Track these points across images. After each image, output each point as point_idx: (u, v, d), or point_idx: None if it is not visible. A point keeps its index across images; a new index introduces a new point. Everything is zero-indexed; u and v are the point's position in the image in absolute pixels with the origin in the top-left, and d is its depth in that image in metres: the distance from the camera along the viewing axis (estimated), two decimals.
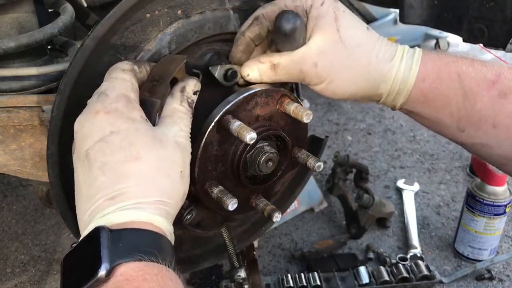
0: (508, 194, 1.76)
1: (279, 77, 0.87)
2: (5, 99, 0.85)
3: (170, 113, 0.75)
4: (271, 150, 0.89)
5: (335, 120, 3.01)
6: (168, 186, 0.70)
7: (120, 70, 0.74)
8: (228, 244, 1.03)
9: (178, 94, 0.77)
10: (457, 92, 0.86)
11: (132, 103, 0.71)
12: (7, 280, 1.79)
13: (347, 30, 0.84)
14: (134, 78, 0.75)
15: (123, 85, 0.72)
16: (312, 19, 0.85)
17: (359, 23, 0.88)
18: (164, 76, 0.77)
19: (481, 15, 1.15)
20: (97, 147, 0.68)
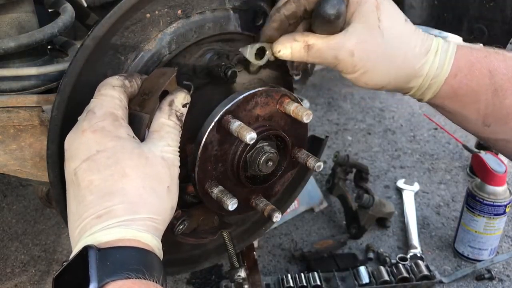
0: (508, 194, 1.76)
1: (311, 59, 0.84)
2: (5, 99, 0.85)
3: (158, 128, 0.75)
4: (271, 150, 0.89)
5: (335, 120, 3.01)
6: (155, 202, 0.71)
7: (110, 87, 0.74)
8: (228, 244, 1.03)
9: (167, 108, 0.76)
10: (487, 88, 0.85)
11: (118, 121, 0.72)
12: (7, 280, 1.79)
13: (387, 20, 0.82)
14: (123, 94, 0.75)
15: (110, 102, 0.73)
16: (353, 4, 0.82)
17: (399, 13, 0.86)
18: (154, 90, 0.77)
19: (481, 15, 1.15)
20: (84, 166, 0.69)
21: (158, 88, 0.77)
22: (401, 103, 3.23)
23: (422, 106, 3.17)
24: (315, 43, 0.82)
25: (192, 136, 0.90)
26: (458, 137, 2.51)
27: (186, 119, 0.91)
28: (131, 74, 0.79)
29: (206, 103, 0.92)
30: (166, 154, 0.74)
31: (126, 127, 0.72)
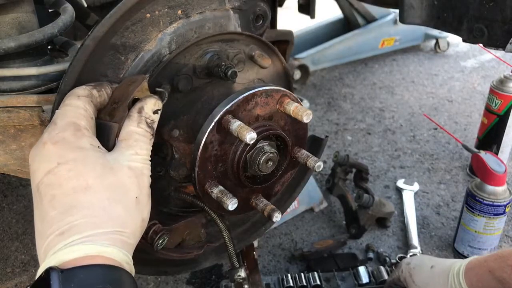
0: (507, 194, 1.76)
1: None
2: (5, 99, 0.85)
3: (126, 136, 0.73)
4: (271, 150, 0.89)
5: (335, 120, 3.01)
6: (121, 214, 0.67)
7: (75, 97, 0.72)
8: (228, 244, 1.03)
9: (136, 115, 0.74)
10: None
11: (81, 131, 0.69)
12: (7, 280, 1.78)
13: (417, 277, 1.34)
14: (88, 104, 0.73)
15: (73, 112, 0.70)
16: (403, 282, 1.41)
17: (426, 266, 1.34)
18: (122, 99, 0.75)
19: (481, 15, 1.15)
20: (46, 180, 0.66)
21: (127, 96, 0.75)
22: (401, 103, 3.23)
23: (422, 106, 3.17)
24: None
25: (192, 136, 0.91)
26: (458, 137, 2.51)
27: (186, 119, 0.91)
28: (100, 84, 0.77)
29: (206, 103, 0.92)
30: (134, 163, 0.71)
31: (89, 137, 0.70)
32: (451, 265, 1.28)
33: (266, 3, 1.00)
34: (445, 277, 1.26)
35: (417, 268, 1.36)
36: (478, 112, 3.03)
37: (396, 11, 3.23)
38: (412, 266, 1.37)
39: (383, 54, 3.97)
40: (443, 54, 4.08)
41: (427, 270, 1.33)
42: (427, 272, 1.32)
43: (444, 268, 1.28)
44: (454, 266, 1.26)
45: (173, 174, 0.94)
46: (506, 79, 2.25)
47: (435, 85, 3.52)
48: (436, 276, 1.29)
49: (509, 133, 2.32)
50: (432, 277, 1.30)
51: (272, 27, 1.37)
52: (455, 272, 1.24)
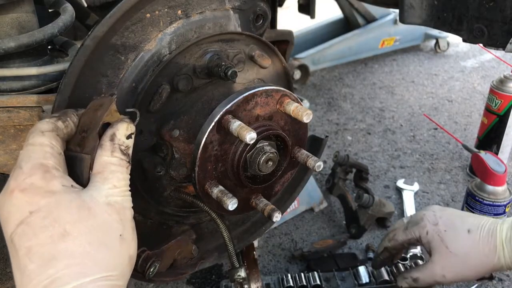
0: (507, 194, 1.76)
1: (421, 285, 1.24)
2: (5, 99, 0.85)
3: (100, 168, 0.67)
4: (271, 150, 0.89)
5: (335, 120, 3.01)
6: (107, 257, 0.63)
7: (38, 133, 0.66)
8: (228, 244, 1.03)
9: (108, 144, 0.68)
10: None
11: (50, 172, 0.63)
12: (7, 280, 1.78)
13: (454, 243, 1.16)
14: (54, 139, 0.67)
15: (39, 152, 0.65)
16: (425, 244, 1.22)
17: (462, 229, 1.16)
18: (91, 127, 0.70)
19: (481, 15, 1.15)
20: (19, 231, 0.61)
21: (96, 123, 0.69)
22: (401, 103, 3.23)
23: (422, 106, 3.17)
24: (418, 276, 1.24)
25: (192, 136, 0.91)
26: (458, 137, 2.51)
27: (186, 119, 0.91)
28: (64, 113, 0.72)
29: (206, 103, 0.92)
30: (113, 198, 0.66)
31: (60, 177, 0.64)
32: (493, 229, 1.12)
33: (266, 3, 1.00)
34: (492, 246, 1.10)
35: (450, 232, 1.17)
36: (478, 112, 3.03)
37: (396, 11, 3.23)
38: (443, 228, 1.18)
39: (383, 54, 3.97)
40: (443, 54, 4.08)
41: (465, 236, 1.14)
42: (465, 238, 1.13)
43: (486, 234, 1.12)
44: (499, 230, 1.11)
45: (173, 174, 0.94)
46: (506, 79, 2.25)
47: (435, 85, 3.52)
48: (480, 245, 1.11)
49: (509, 133, 2.32)
50: (474, 246, 1.12)
51: (272, 27, 1.37)
52: (506, 239, 1.09)
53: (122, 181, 0.68)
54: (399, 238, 1.28)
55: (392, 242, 1.31)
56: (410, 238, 1.25)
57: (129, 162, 0.70)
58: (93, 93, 0.82)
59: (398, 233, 1.28)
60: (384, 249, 1.34)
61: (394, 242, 1.30)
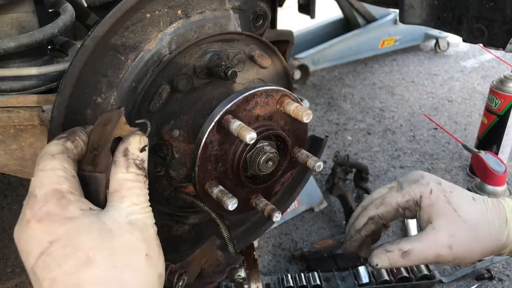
0: (507, 194, 1.76)
1: (412, 262, 0.92)
2: (5, 99, 0.85)
3: (117, 186, 0.64)
4: (271, 150, 0.89)
5: (335, 120, 3.01)
6: (134, 279, 0.61)
7: (49, 157, 0.64)
8: (228, 244, 1.03)
9: (122, 159, 0.65)
10: None
11: (65, 198, 0.61)
12: (7, 280, 1.78)
13: (462, 207, 0.93)
14: (66, 161, 0.64)
15: (52, 177, 0.62)
16: (426, 207, 0.94)
17: (466, 195, 0.96)
18: (102, 143, 0.66)
19: (481, 15, 1.15)
20: (40, 263, 0.58)
21: (106, 139, 0.66)
22: (401, 103, 3.23)
23: (422, 106, 3.17)
24: (411, 248, 0.92)
25: (193, 136, 0.91)
26: (458, 137, 2.52)
27: (186, 119, 0.91)
28: (72, 132, 0.69)
29: (206, 103, 0.92)
30: (133, 216, 0.63)
31: (76, 201, 0.62)
32: (498, 202, 0.97)
33: (266, 3, 1.00)
34: (502, 219, 0.93)
35: (456, 194, 0.95)
36: (478, 112, 3.03)
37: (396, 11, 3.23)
38: (448, 188, 0.96)
39: (383, 54, 3.97)
40: (443, 54, 4.08)
41: (472, 202, 0.95)
42: (472, 204, 0.94)
43: (493, 205, 0.95)
44: (506, 204, 0.96)
45: (173, 174, 0.94)
46: (506, 79, 2.25)
47: (435, 85, 3.52)
48: (489, 214, 0.93)
49: (509, 133, 2.32)
50: (483, 214, 0.93)
51: (272, 27, 1.37)
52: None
53: (141, 197, 0.65)
54: (393, 201, 0.97)
55: (383, 207, 0.98)
56: (408, 199, 0.96)
57: (145, 176, 0.67)
58: (93, 93, 0.82)
59: (390, 195, 0.98)
60: (369, 220, 0.99)
61: (385, 207, 0.98)
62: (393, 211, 0.97)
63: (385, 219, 0.98)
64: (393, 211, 0.97)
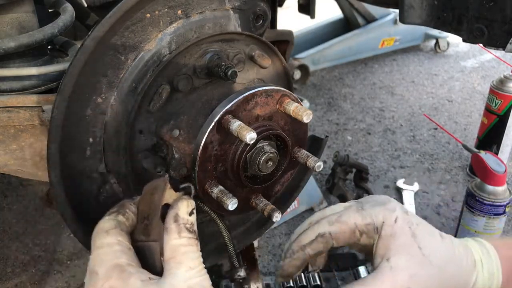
0: (507, 194, 1.76)
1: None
2: (5, 99, 0.85)
3: (171, 253, 0.66)
4: (271, 150, 0.89)
5: (335, 120, 3.01)
6: None
7: (103, 234, 0.67)
8: (228, 244, 1.03)
9: (173, 226, 0.67)
10: None
11: (125, 271, 0.63)
12: (7, 280, 1.79)
13: (428, 245, 0.79)
14: (120, 235, 0.67)
15: (109, 253, 0.65)
16: (386, 237, 0.79)
17: (433, 232, 0.82)
18: (152, 211, 0.69)
19: (481, 15, 1.15)
20: None
21: (155, 208, 0.69)
22: (401, 103, 3.23)
23: (422, 106, 3.17)
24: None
25: (193, 136, 0.91)
26: (458, 137, 2.52)
27: (186, 119, 0.91)
28: (121, 205, 0.72)
29: (206, 103, 0.92)
30: (191, 280, 0.65)
31: (136, 273, 0.64)
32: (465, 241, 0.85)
33: (266, 3, 1.00)
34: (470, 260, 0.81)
35: (423, 229, 0.81)
36: (478, 112, 3.03)
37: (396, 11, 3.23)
38: (415, 221, 0.81)
39: (383, 54, 3.97)
40: (443, 54, 4.08)
41: (439, 240, 0.81)
42: (440, 242, 0.80)
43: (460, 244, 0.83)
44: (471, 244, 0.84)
45: (173, 174, 0.94)
46: (506, 79, 2.25)
47: (435, 85, 3.52)
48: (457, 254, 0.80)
49: (509, 133, 2.32)
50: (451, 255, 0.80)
51: (272, 27, 1.37)
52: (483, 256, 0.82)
53: (195, 260, 0.66)
54: (350, 221, 0.81)
55: (338, 225, 0.82)
56: (369, 222, 0.81)
57: (197, 238, 0.68)
58: (93, 93, 0.82)
59: (348, 214, 0.83)
60: (318, 237, 0.84)
61: (341, 226, 0.82)
62: (348, 233, 0.82)
63: (336, 240, 0.83)
64: (348, 232, 0.82)
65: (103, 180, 0.90)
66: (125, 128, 0.86)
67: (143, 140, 0.89)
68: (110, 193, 0.92)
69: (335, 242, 0.83)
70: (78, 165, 0.86)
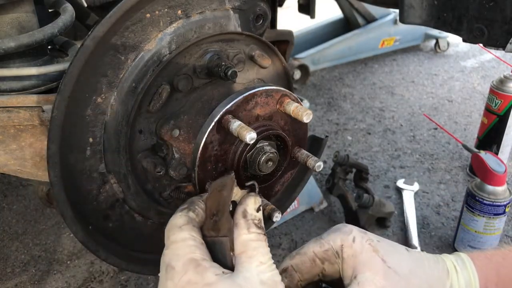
0: (507, 194, 1.76)
1: None
2: (5, 99, 0.85)
3: (242, 247, 0.68)
4: (271, 150, 0.89)
5: (335, 120, 3.01)
6: None
7: (177, 229, 0.69)
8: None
9: (242, 221, 0.70)
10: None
11: (201, 265, 0.65)
12: (7, 280, 1.79)
13: (392, 258, 0.79)
14: (193, 230, 0.69)
15: (185, 248, 0.67)
16: (349, 259, 0.79)
17: (397, 245, 0.83)
18: (221, 209, 0.72)
19: (481, 15, 1.15)
20: None
21: (224, 204, 0.71)
22: (401, 103, 3.23)
23: (422, 106, 3.17)
24: None
25: (193, 136, 0.91)
26: (458, 137, 2.52)
27: (186, 119, 0.91)
28: (191, 202, 0.75)
29: (206, 103, 0.92)
30: (264, 275, 0.66)
31: (210, 267, 0.66)
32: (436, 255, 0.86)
33: (266, 3, 1.00)
34: (442, 269, 0.82)
35: (385, 244, 0.81)
36: (478, 112, 3.03)
37: (396, 11, 3.24)
38: (375, 238, 0.82)
39: (383, 54, 3.98)
40: (443, 54, 4.08)
41: (405, 253, 0.82)
42: (406, 255, 0.81)
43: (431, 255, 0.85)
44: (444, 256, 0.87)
45: (173, 174, 0.94)
46: (506, 79, 2.25)
47: (435, 85, 3.52)
48: (427, 265, 0.82)
49: (509, 133, 2.32)
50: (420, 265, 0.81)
51: (272, 27, 1.37)
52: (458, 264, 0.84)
53: (266, 256, 0.68)
54: (309, 251, 0.83)
55: (298, 257, 0.84)
56: (327, 248, 0.82)
57: (265, 234, 0.70)
58: (93, 93, 0.82)
59: (307, 245, 0.85)
60: (281, 272, 0.83)
61: (301, 257, 0.84)
62: (308, 262, 0.83)
63: (300, 271, 0.83)
64: (308, 262, 0.82)
65: (103, 180, 0.90)
66: (125, 128, 0.86)
67: (143, 140, 0.89)
68: (110, 193, 0.92)
69: (300, 275, 0.83)
70: (78, 165, 0.86)
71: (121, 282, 1.76)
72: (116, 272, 1.80)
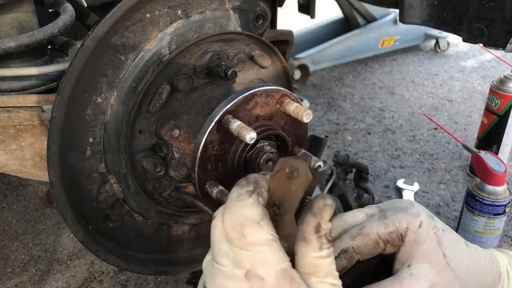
0: (507, 194, 1.76)
1: None
2: (5, 99, 0.85)
3: (312, 268, 0.56)
4: (271, 150, 0.89)
5: (335, 120, 3.01)
6: None
7: (256, 226, 0.54)
8: None
9: (314, 238, 0.56)
10: None
11: (295, 280, 0.53)
12: (7, 279, 1.78)
13: (453, 253, 0.73)
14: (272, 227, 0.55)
15: (273, 254, 0.53)
16: (409, 244, 0.73)
17: (459, 239, 0.77)
18: (285, 204, 0.56)
19: (481, 15, 1.15)
20: None
21: (292, 202, 0.56)
22: (401, 103, 3.23)
23: (422, 106, 3.17)
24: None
25: (193, 136, 0.91)
26: (458, 137, 2.52)
27: (186, 119, 0.91)
28: (257, 183, 0.57)
29: (206, 103, 0.93)
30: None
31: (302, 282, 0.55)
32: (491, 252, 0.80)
33: (266, 3, 1.00)
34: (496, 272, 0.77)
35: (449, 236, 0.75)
36: (478, 112, 3.03)
37: (396, 11, 3.24)
38: (441, 227, 0.76)
39: (383, 54, 3.97)
40: (443, 54, 4.08)
41: (464, 248, 0.76)
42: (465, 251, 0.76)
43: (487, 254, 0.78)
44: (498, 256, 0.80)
45: (173, 174, 0.94)
46: (506, 79, 2.25)
47: (435, 85, 3.52)
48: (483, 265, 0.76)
49: (509, 133, 2.32)
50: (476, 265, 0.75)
51: (272, 27, 1.37)
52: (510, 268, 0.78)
53: (336, 274, 0.59)
54: (372, 232, 0.75)
55: (360, 238, 0.76)
56: (392, 230, 0.74)
57: (332, 245, 0.59)
58: (93, 93, 0.82)
59: (370, 225, 0.77)
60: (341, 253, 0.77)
61: (363, 239, 0.76)
62: (371, 245, 0.76)
63: (361, 253, 0.77)
64: (372, 244, 0.76)
65: (103, 180, 0.90)
66: (125, 128, 0.86)
67: (143, 140, 0.89)
68: (110, 193, 0.92)
69: (360, 256, 0.77)
70: (78, 165, 0.86)
71: (121, 282, 1.76)
72: (116, 272, 1.80)
